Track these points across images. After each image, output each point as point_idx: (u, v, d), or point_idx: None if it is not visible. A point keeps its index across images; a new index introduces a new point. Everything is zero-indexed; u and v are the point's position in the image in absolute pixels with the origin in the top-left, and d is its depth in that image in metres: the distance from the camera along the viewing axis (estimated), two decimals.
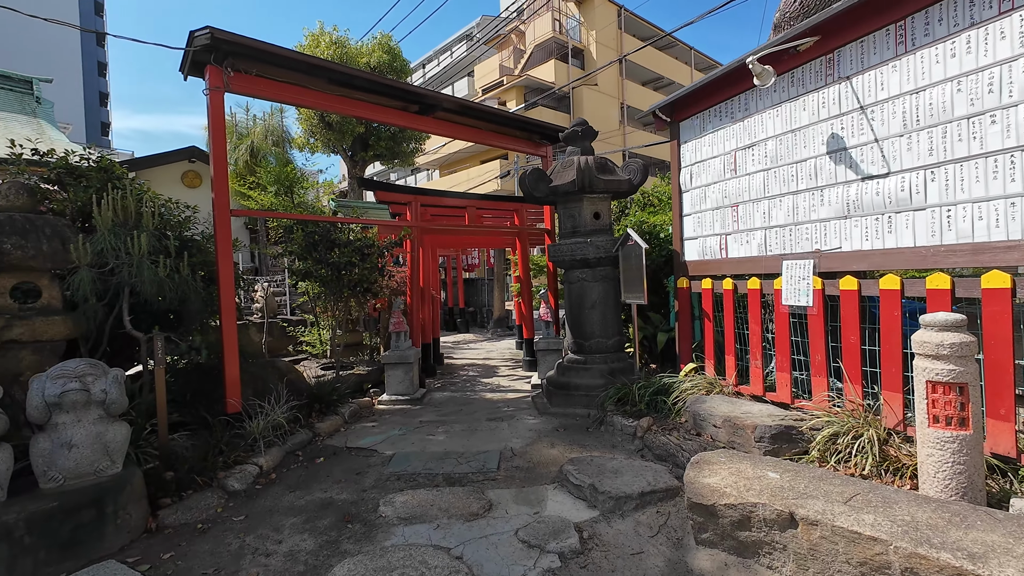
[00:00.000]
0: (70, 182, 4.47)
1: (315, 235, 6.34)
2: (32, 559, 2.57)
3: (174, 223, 4.86)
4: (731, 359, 4.55)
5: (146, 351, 4.30)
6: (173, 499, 3.39)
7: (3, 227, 3.64)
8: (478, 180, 25.09)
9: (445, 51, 36.82)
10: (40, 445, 2.90)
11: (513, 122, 7.21)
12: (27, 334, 3.66)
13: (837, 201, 3.63)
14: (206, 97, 4.51)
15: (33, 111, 18.20)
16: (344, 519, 3.22)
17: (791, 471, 2.67)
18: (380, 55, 14.73)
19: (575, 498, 3.37)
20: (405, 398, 6.37)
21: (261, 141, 12.78)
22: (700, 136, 4.90)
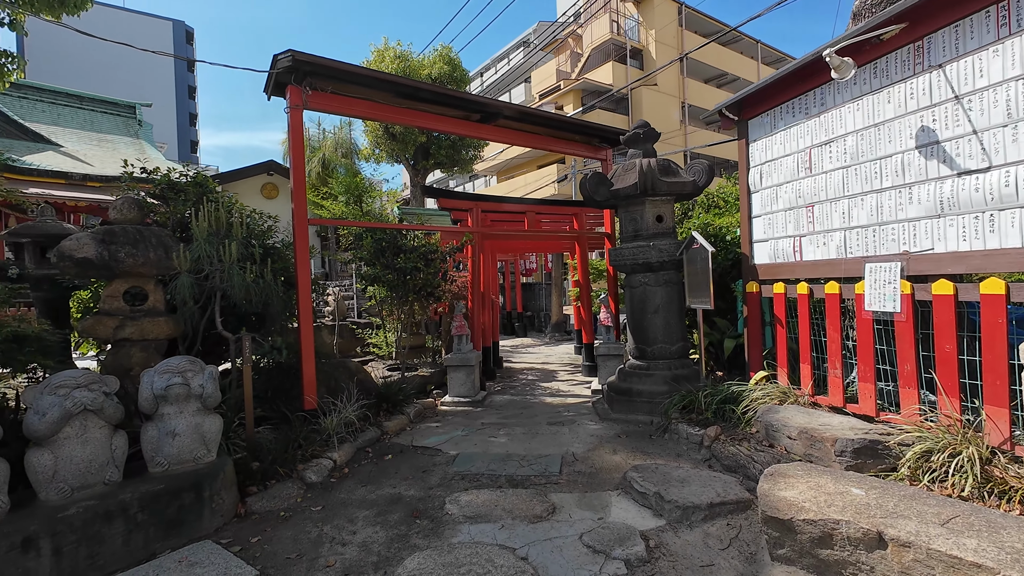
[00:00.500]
0: (171, 196, 4.95)
1: (383, 241, 6.64)
2: (144, 535, 2.87)
3: (258, 232, 5.25)
4: (807, 367, 4.31)
5: (234, 350, 4.67)
6: (258, 488, 3.66)
7: (118, 237, 4.09)
8: (535, 185, 25.20)
9: (502, 59, 37.35)
10: (149, 433, 3.23)
11: (572, 127, 7.21)
12: (136, 333, 4.09)
13: (928, 199, 3.36)
14: (287, 115, 4.85)
15: (136, 133, 20.26)
16: (412, 514, 3.34)
17: (878, 488, 2.50)
18: (441, 66, 15.19)
19: (640, 506, 3.32)
20: (466, 400, 6.50)
21: (331, 153, 13.53)
22: (771, 134, 4.69)
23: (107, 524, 2.76)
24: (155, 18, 51.40)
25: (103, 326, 4.05)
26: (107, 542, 2.74)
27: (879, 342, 3.78)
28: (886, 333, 3.74)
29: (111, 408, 3.01)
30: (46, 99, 18.67)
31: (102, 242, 3.98)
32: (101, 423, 2.99)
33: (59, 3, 6.32)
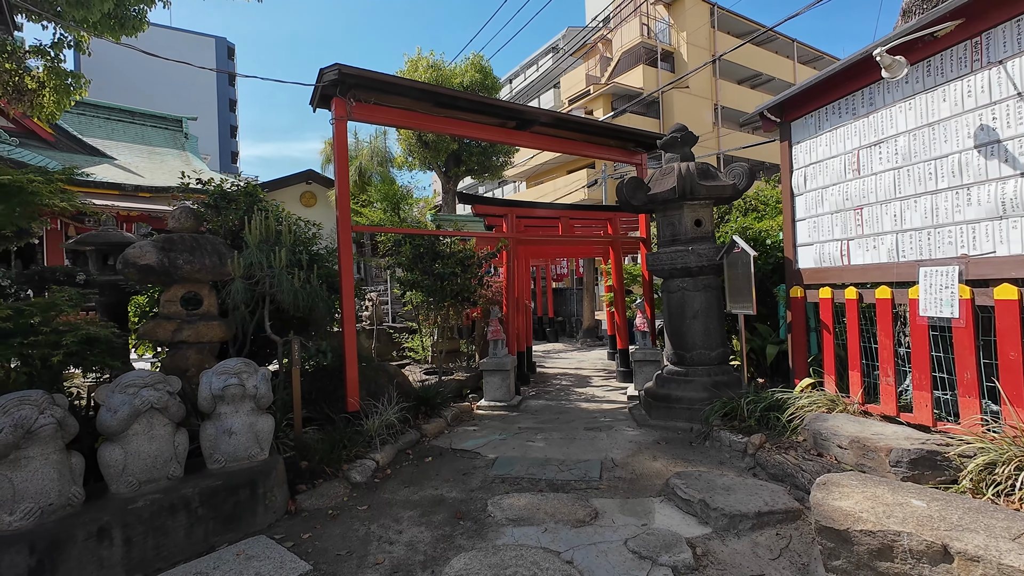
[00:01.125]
0: (223, 206, 5.19)
1: (420, 247, 6.77)
2: (204, 528, 3.01)
3: (304, 239, 5.44)
4: (856, 375, 4.18)
5: (281, 353, 4.84)
6: (307, 486, 3.78)
7: (176, 245, 4.31)
8: (564, 190, 25.18)
9: (531, 65, 37.56)
10: (207, 431, 3.39)
11: (607, 132, 7.20)
12: (192, 336, 4.29)
13: (989, 200, 3.23)
14: (332, 126, 5.02)
15: (182, 145, 21.24)
16: (455, 516, 3.39)
17: (940, 500, 2.41)
18: (472, 74, 15.39)
19: (684, 513, 3.28)
20: (502, 404, 6.54)
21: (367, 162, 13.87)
22: (815, 135, 4.59)
23: (171, 517, 2.90)
24: (199, 36, 53.83)
25: (162, 329, 4.27)
26: (171, 534, 2.89)
27: (935, 349, 3.63)
28: (942, 339, 3.60)
29: (174, 406, 3.18)
30: (102, 115, 19.79)
31: (162, 250, 4.20)
32: (165, 420, 3.15)
33: (119, 26, 6.74)
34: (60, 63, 6.75)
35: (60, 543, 2.55)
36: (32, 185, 2.93)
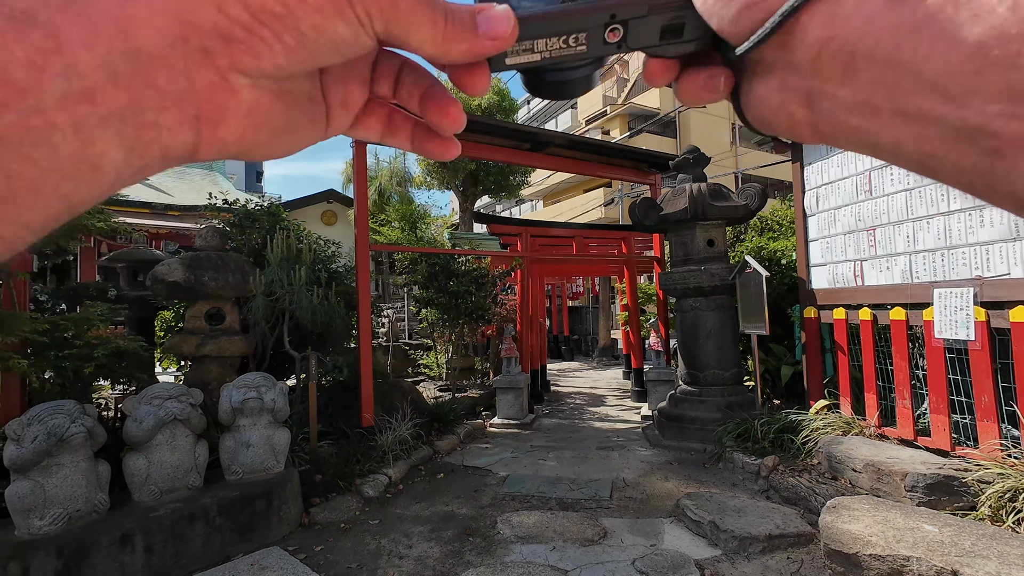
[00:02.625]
0: (248, 225, 5.40)
1: (436, 266, 6.90)
2: (220, 538, 3.10)
3: (323, 257, 5.61)
4: (872, 397, 4.12)
5: (299, 368, 4.97)
6: (320, 499, 3.85)
7: (202, 263, 4.50)
8: (581, 209, 25.30)
9: None
10: (226, 443, 3.50)
11: (621, 153, 7.31)
12: (215, 351, 4.45)
13: (1002, 222, 3.22)
14: (352, 149, 5.22)
15: (210, 166, 21.99)
16: (465, 532, 3.42)
17: (952, 525, 2.38)
18: (491, 96, 15.72)
19: (693, 534, 3.26)
20: (515, 422, 6.56)
21: (387, 182, 14.20)
22: (827, 157, 4.62)
23: (190, 526, 3.00)
24: None
25: (187, 343, 4.44)
26: (190, 543, 2.98)
27: (952, 372, 3.58)
28: (959, 362, 3.55)
29: (196, 418, 3.30)
30: None
31: (189, 267, 4.39)
32: (187, 432, 3.28)
33: None
34: None
35: (86, 548, 2.66)
36: None
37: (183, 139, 0.23)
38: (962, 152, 0.19)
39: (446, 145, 0.32)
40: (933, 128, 0.20)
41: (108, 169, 0.21)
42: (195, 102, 0.22)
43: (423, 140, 0.32)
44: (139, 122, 0.21)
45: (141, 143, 0.22)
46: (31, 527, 2.65)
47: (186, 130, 0.23)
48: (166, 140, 0.23)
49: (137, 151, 0.22)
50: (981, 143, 0.19)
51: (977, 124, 0.18)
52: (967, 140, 0.19)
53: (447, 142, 0.32)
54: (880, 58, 0.19)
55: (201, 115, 0.23)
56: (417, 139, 0.32)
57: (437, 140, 0.32)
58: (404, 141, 0.32)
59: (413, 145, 0.32)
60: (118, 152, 0.21)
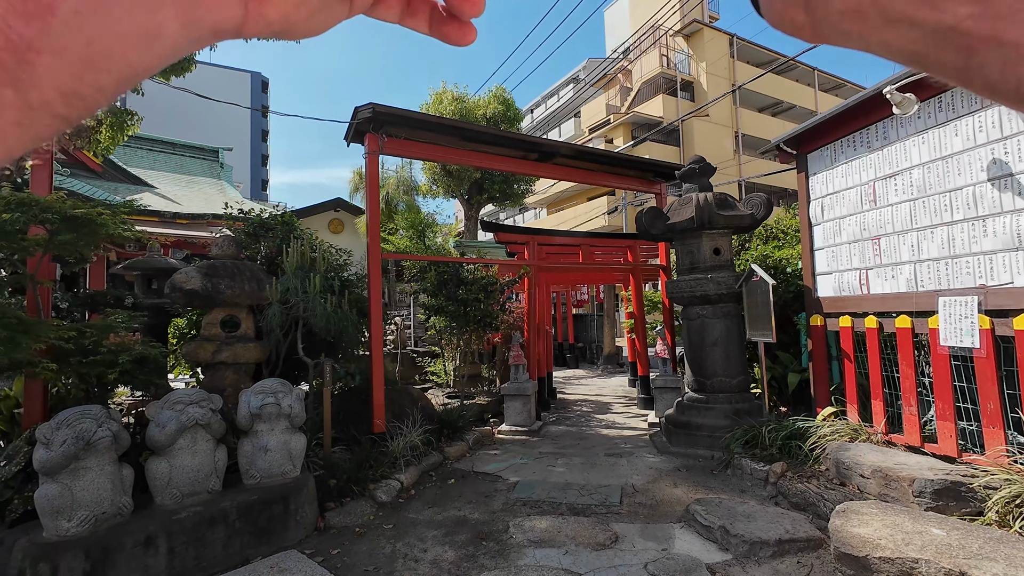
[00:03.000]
0: (262, 234, 5.50)
1: (445, 274, 6.99)
2: (240, 541, 3.16)
3: (335, 266, 5.70)
4: (879, 404, 4.17)
5: (312, 374, 5.05)
6: (335, 504, 3.91)
7: (219, 271, 4.60)
8: (585, 217, 25.42)
9: (553, 95, 38.44)
10: (244, 448, 3.57)
11: (627, 162, 7.41)
12: (230, 357, 4.53)
13: (1005, 232, 3.29)
14: (364, 160, 5.34)
15: (218, 175, 22.25)
16: (478, 536, 3.48)
17: (959, 529, 2.43)
18: (495, 106, 15.90)
19: (704, 539, 3.31)
20: (523, 429, 6.61)
21: (394, 191, 14.35)
22: (831, 167, 4.70)
23: (211, 529, 3.07)
24: (236, 71, 56.68)
25: (203, 350, 4.52)
26: (210, 545, 3.05)
27: (958, 379, 3.63)
28: (965, 369, 3.60)
29: (216, 423, 3.38)
30: (145, 146, 20.94)
31: (206, 275, 4.49)
32: (208, 436, 3.35)
33: (171, 68, 7.29)
34: (116, 102, 7.31)
35: (111, 550, 2.73)
36: (100, 218, 3.23)
37: (232, 14, 0.25)
38: (942, 50, 0.22)
39: (464, 30, 0.32)
40: (915, 30, 0.22)
41: (166, 39, 0.24)
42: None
43: (441, 24, 0.32)
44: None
45: (195, 17, 0.24)
46: (59, 529, 2.72)
47: (235, 6, 0.25)
48: (217, 15, 0.25)
49: (192, 24, 0.24)
50: (957, 42, 0.21)
51: (952, 24, 0.20)
52: (945, 39, 0.21)
53: (465, 26, 0.32)
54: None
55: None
56: (435, 22, 0.32)
57: (455, 24, 0.32)
58: (422, 23, 0.32)
59: (431, 28, 0.32)
60: (175, 24, 0.24)
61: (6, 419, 4.23)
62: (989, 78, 0.21)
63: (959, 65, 0.21)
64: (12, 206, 2.85)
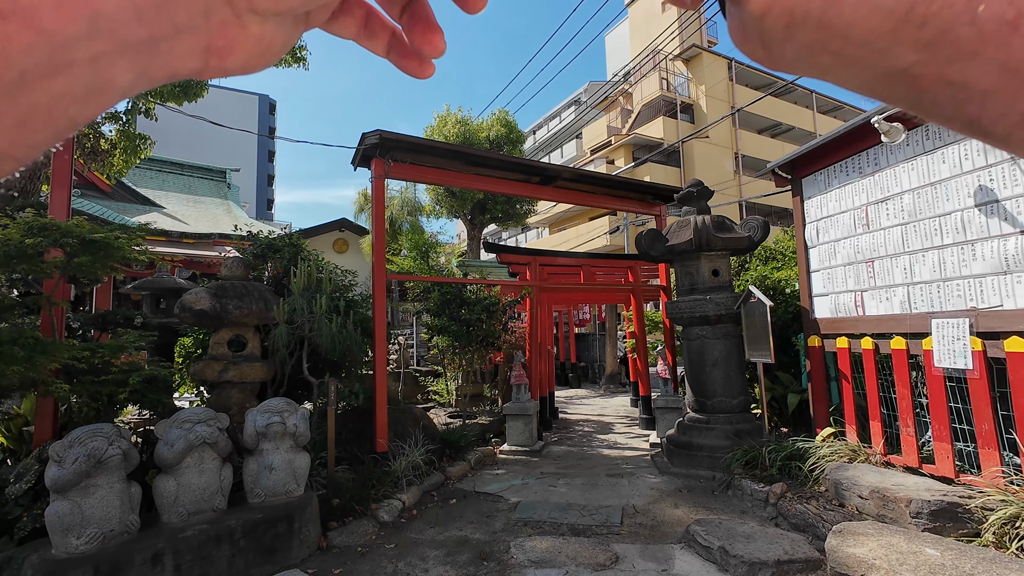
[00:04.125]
0: (270, 255, 5.63)
1: (448, 294, 7.10)
2: (244, 559, 3.20)
3: (340, 286, 5.82)
4: (877, 425, 4.21)
5: (316, 393, 5.12)
6: (338, 523, 3.94)
7: (228, 292, 4.71)
8: (586, 236, 25.62)
9: (554, 117, 39.06)
10: (250, 467, 3.63)
11: (628, 185, 7.56)
12: (237, 376, 4.61)
13: (993, 256, 3.38)
14: (371, 184, 5.49)
15: (225, 195, 22.59)
16: (479, 556, 3.50)
17: (954, 550, 2.46)
18: (498, 129, 16.22)
19: (704, 560, 3.33)
20: (525, 449, 6.62)
21: (398, 211, 14.57)
22: (825, 192, 4.82)
23: (216, 547, 3.11)
24: (244, 93, 57.87)
25: (210, 369, 4.60)
26: (215, 563, 3.09)
27: (954, 400, 3.68)
28: (960, 390, 3.65)
29: (223, 442, 3.45)
30: (155, 167, 21.34)
31: (215, 296, 4.60)
32: (214, 455, 3.42)
33: (183, 93, 7.53)
34: (131, 127, 7.54)
35: (119, 567, 2.78)
36: (118, 241, 3.36)
37: (191, 66, 0.25)
38: (896, 88, 0.23)
39: (423, 66, 0.31)
40: (868, 71, 0.22)
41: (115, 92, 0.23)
42: (208, 36, 0.24)
43: (400, 55, 0.31)
44: (153, 52, 0.23)
45: (151, 69, 0.23)
46: (68, 546, 2.78)
47: (195, 59, 0.24)
48: (174, 67, 0.24)
49: (146, 76, 0.23)
50: (907, 82, 0.22)
51: (902, 68, 0.21)
52: (897, 79, 0.22)
53: (424, 63, 0.31)
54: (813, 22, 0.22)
55: (211, 47, 0.24)
56: (394, 51, 0.31)
57: (415, 59, 0.31)
58: (379, 48, 0.31)
59: (389, 55, 0.31)
60: (128, 77, 0.23)
61: (15, 437, 4.30)
62: (943, 113, 0.22)
63: (913, 101, 0.23)
64: (35, 230, 2.98)
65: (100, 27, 0.20)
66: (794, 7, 0.22)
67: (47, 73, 0.20)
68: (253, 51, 0.26)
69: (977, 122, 0.21)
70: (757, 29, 0.24)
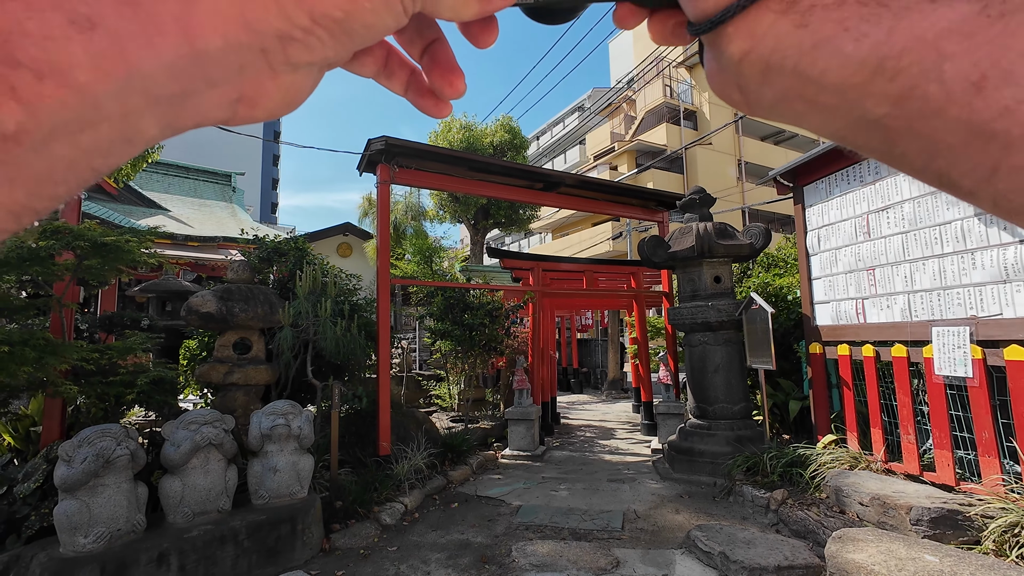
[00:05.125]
0: (275, 258, 5.69)
1: (451, 299, 7.15)
2: (248, 560, 3.23)
3: (345, 290, 5.87)
4: (878, 432, 4.22)
5: (320, 396, 5.16)
6: (340, 525, 3.97)
7: (234, 295, 4.76)
8: (589, 242, 25.66)
9: (558, 123, 39.22)
10: (254, 468, 3.67)
11: (630, 192, 7.61)
12: (242, 379, 4.65)
13: (992, 265, 3.40)
14: (376, 189, 5.55)
15: (230, 198, 22.74)
16: (481, 560, 3.52)
17: (953, 556, 2.48)
18: (502, 135, 16.32)
19: (704, 565, 3.34)
20: (526, 454, 6.64)
21: (402, 216, 14.65)
22: (827, 200, 4.85)
23: (221, 547, 3.15)
24: None
25: (216, 372, 4.65)
26: (219, 564, 3.12)
27: (955, 408, 3.70)
28: (961, 399, 3.67)
29: (228, 443, 3.49)
30: (160, 171, 21.50)
31: (221, 299, 4.65)
32: (219, 456, 3.46)
33: None
34: None
35: (126, 566, 2.82)
36: (128, 244, 3.42)
37: (220, 115, 0.25)
38: (868, 137, 0.23)
39: (440, 106, 0.32)
40: (842, 120, 0.23)
41: (141, 143, 0.23)
42: (240, 88, 0.24)
43: (418, 94, 0.32)
44: (183, 105, 0.23)
45: (179, 120, 0.23)
46: (76, 545, 2.82)
47: (225, 109, 0.25)
48: (203, 117, 0.24)
49: (173, 126, 0.23)
50: (879, 133, 0.22)
51: (874, 119, 0.22)
52: (869, 129, 0.22)
53: (441, 103, 0.32)
54: (789, 70, 0.22)
55: (243, 98, 0.25)
56: (412, 90, 0.32)
57: (432, 99, 0.32)
58: (397, 86, 0.32)
59: (407, 94, 0.32)
60: (155, 130, 0.23)
61: (23, 437, 4.35)
62: (913, 165, 0.22)
63: (885, 152, 0.23)
64: (48, 234, 3.04)
65: (134, 85, 0.20)
66: (770, 55, 0.23)
67: (75, 129, 0.20)
68: (283, 99, 0.26)
69: (946, 176, 0.21)
70: (735, 74, 0.25)
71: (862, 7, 0.21)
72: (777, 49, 0.23)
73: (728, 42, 0.24)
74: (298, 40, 0.23)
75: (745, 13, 0.23)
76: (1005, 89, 0.18)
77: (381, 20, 0.24)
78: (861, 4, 0.21)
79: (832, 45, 0.21)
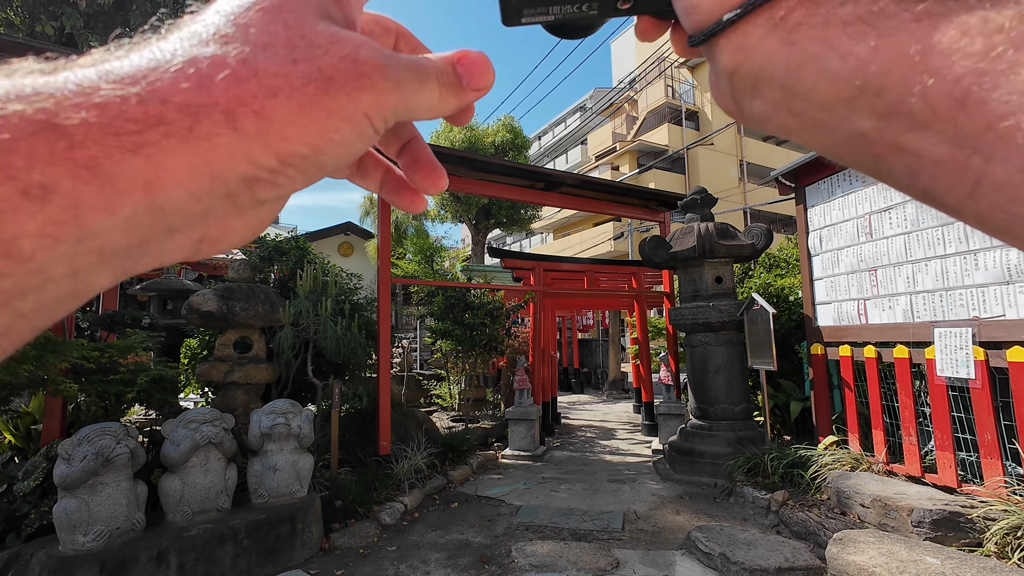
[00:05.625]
0: (276, 257, 5.69)
1: (452, 299, 7.14)
2: (247, 559, 3.23)
3: (346, 289, 5.86)
4: (879, 433, 4.21)
5: (321, 395, 5.15)
6: (340, 525, 3.97)
7: (234, 294, 4.76)
8: (591, 242, 25.65)
9: (560, 123, 39.21)
10: (254, 467, 3.66)
11: (631, 192, 7.60)
12: (242, 378, 4.65)
13: (995, 266, 3.39)
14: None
15: None
16: (481, 560, 3.52)
17: (955, 559, 2.47)
18: (504, 135, 16.31)
19: (704, 566, 3.34)
20: (527, 454, 6.63)
21: (403, 215, 14.65)
22: (829, 200, 4.84)
23: (220, 546, 3.15)
24: None
25: (216, 370, 4.65)
26: (219, 563, 3.12)
27: (956, 409, 3.68)
28: (963, 400, 3.65)
29: (228, 442, 3.48)
30: None
31: (222, 297, 4.65)
32: (219, 455, 3.45)
33: None
34: None
35: (125, 564, 2.82)
36: None
37: (180, 256, 0.23)
38: (856, 152, 0.23)
39: (416, 201, 0.32)
40: (830, 134, 0.23)
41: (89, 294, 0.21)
42: (203, 230, 0.23)
43: (393, 192, 0.31)
44: (141, 253, 0.21)
45: (136, 267, 0.22)
46: (75, 543, 2.82)
47: (186, 250, 0.23)
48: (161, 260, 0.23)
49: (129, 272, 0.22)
50: (866, 148, 0.22)
51: (860, 134, 0.22)
52: (856, 144, 0.23)
53: (418, 198, 0.31)
54: (777, 85, 0.23)
55: (205, 239, 0.23)
56: (387, 188, 0.31)
57: (408, 194, 0.31)
58: (372, 185, 0.31)
59: (382, 192, 0.32)
60: (108, 280, 0.21)
61: (23, 435, 4.36)
62: (900, 181, 0.23)
63: (872, 166, 0.23)
64: None
65: (86, 245, 0.19)
66: (759, 69, 0.24)
67: (15, 296, 0.18)
68: (248, 232, 0.25)
69: (931, 191, 0.22)
70: (727, 86, 0.26)
71: (847, 26, 0.21)
72: (766, 65, 0.23)
73: (720, 54, 0.25)
74: (265, 180, 0.22)
75: (735, 28, 0.24)
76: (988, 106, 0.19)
77: (352, 148, 0.23)
78: (846, 24, 0.21)
79: (819, 62, 0.22)
